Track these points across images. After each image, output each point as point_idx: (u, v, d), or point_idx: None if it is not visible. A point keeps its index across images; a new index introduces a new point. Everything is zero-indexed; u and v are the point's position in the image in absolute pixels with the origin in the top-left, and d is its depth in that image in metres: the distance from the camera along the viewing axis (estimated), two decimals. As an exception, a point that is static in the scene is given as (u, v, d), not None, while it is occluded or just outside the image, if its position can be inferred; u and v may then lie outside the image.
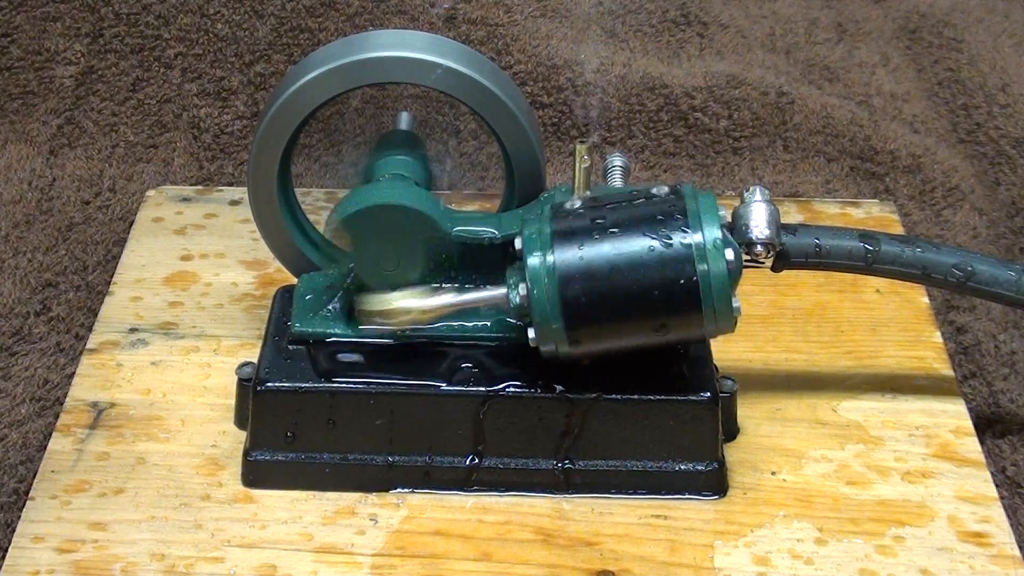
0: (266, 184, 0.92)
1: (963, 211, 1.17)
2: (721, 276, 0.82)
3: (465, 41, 1.24)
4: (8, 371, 1.00)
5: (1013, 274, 0.90)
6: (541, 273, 0.83)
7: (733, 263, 0.82)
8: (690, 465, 0.87)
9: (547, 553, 0.84)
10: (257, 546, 0.84)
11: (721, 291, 0.82)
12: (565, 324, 0.83)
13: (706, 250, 0.82)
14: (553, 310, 0.83)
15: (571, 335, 0.83)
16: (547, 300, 0.83)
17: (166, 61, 1.27)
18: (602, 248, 0.83)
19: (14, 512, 0.88)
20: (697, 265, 0.82)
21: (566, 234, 0.83)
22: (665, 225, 0.82)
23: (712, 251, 0.82)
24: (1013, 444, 0.96)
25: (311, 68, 0.89)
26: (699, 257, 0.82)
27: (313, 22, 1.28)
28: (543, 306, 0.83)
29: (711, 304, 0.82)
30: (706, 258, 0.82)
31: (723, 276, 0.82)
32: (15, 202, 1.17)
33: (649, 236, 0.82)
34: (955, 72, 1.33)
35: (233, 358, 0.96)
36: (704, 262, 0.82)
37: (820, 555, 0.84)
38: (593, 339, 0.84)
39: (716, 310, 0.82)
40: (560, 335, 0.83)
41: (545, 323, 0.83)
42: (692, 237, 0.82)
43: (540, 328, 0.83)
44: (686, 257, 0.82)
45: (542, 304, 0.83)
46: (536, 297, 0.83)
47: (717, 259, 0.82)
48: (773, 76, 1.29)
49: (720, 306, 0.82)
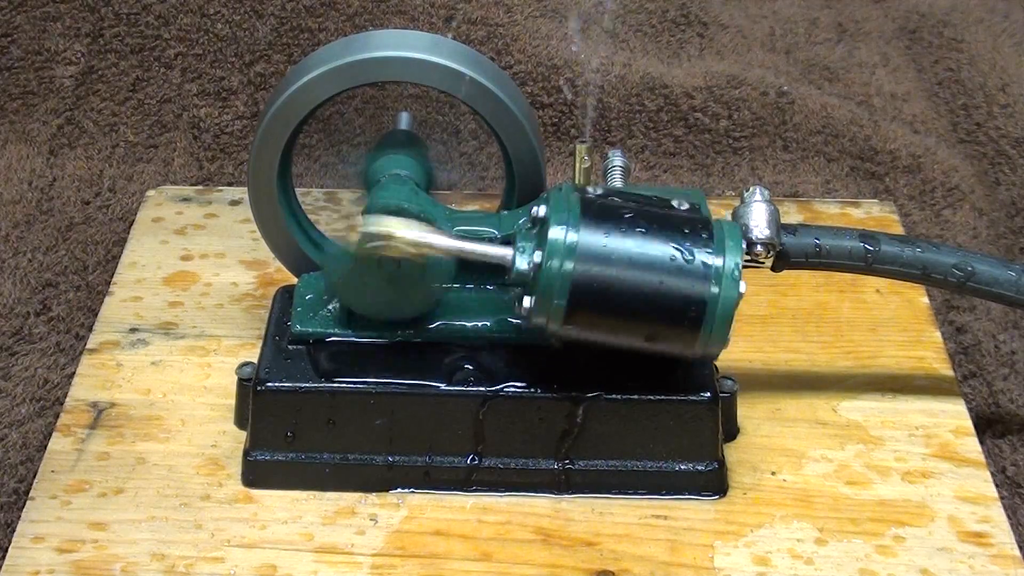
0: (266, 184, 0.92)
1: (963, 211, 1.17)
2: (730, 303, 0.82)
3: (465, 41, 1.24)
4: (8, 371, 1.00)
5: (1013, 274, 0.90)
6: (562, 247, 0.82)
7: (743, 295, 0.83)
8: (690, 465, 0.87)
9: (547, 553, 0.84)
10: (257, 546, 0.84)
11: (724, 317, 0.82)
12: (568, 304, 0.83)
13: (723, 275, 0.82)
14: (562, 287, 0.82)
15: (569, 316, 0.83)
16: (559, 275, 0.82)
17: (166, 61, 1.27)
18: (626, 242, 0.82)
19: (14, 512, 0.88)
20: (711, 287, 0.82)
21: (594, 218, 0.83)
22: (690, 240, 0.83)
23: (729, 279, 0.82)
24: (1013, 444, 0.96)
25: (311, 68, 0.89)
26: (715, 280, 0.82)
27: (313, 22, 1.28)
28: (552, 280, 0.82)
29: (710, 327, 0.82)
30: (722, 283, 0.82)
31: (731, 304, 0.82)
32: (15, 202, 1.17)
33: (673, 245, 0.82)
34: (955, 72, 1.33)
35: (233, 358, 0.96)
36: (718, 286, 0.82)
37: (820, 555, 0.84)
38: (587, 326, 0.83)
39: (712, 334, 0.83)
40: (559, 313, 0.83)
41: (548, 297, 0.82)
42: (714, 259, 0.82)
43: (541, 300, 0.83)
44: (704, 276, 0.82)
45: (552, 278, 0.82)
46: (549, 269, 0.82)
47: (731, 287, 0.82)
48: (773, 76, 1.29)
49: (717, 331, 0.83)
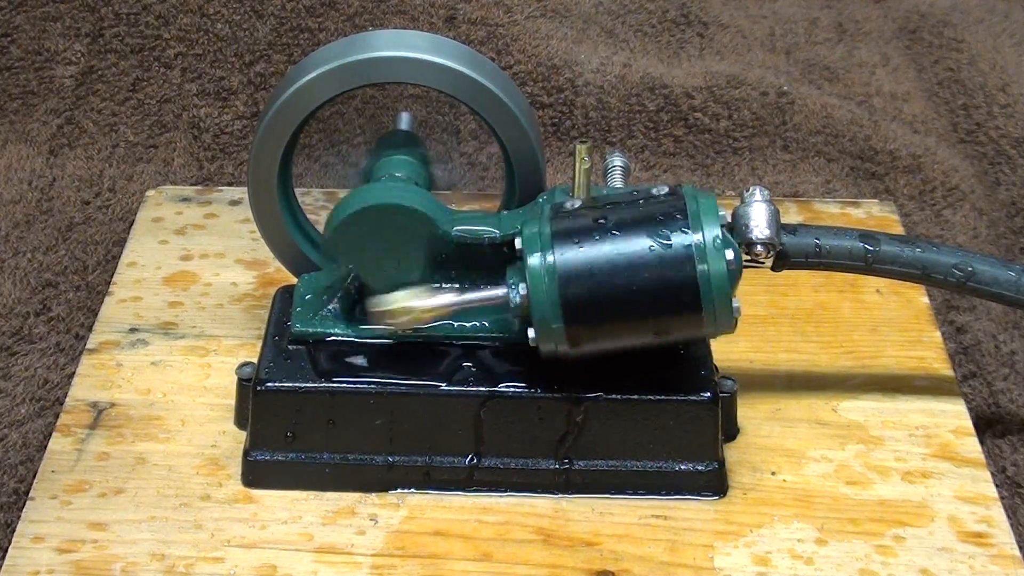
0: (266, 184, 0.92)
1: (963, 211, 1.17)
2: (721, 276, 0.82)
3: (465, 41, 1.24)
4: (8, 371, 1.00)
5: (1013, 274, 0.90)
6: (541, 273, 0.83)
7: (733, 263, 0.82)
8: (690, 465, 0.87)
9: (547, 553, 0.84)
10: (257, 546, 0.84)
11: (721, 291, 0.82)
12: (565, 324, 0.83)
13: (706, 250, 0.82)
14: (553, 310, 0.83)
15: (571, 335, 0.83)
16: (547, 300, 0.83)
17: (166, 61, 1.27)
18: (602, 248, 0.83)
19: (14, 512, 0.88)
20: (697, 265, 0.82)
21: (566, 234, 0.83)
22: (665, 225, 0.82)
23: (712, 251, 0.82)
24: (1013, 444, 0.96)
25: (311, 68, 0.89)
26: (699, 257, 0.82)
27: (313, 22, 1.28)
28: (543, 306, 0.83)
29: (711, 304, 0.82)
30: (706, 258, 0.82)
31: (723, 276, 0.82)
32: (15, 202, 1.17)
33: (649, 236, 0.82)
34: (955, 72, 1.33)
35: (233, 358, 0.96)
36: (704, 262, 0.82)
37: (820, 555, 0.84)
38: (593, 339, 0.84)
39: (716, 310, 0.82)
40: (560, 335, 0.83)
41: (545, 323, 0.83)
42: (692, 237, 0.82)
43: (540, 328, 0.83)
44: (686, 257, 0.82)
45: (542, 304, 0.83)
46: (536, 297, 0.83)
47: (717, 259, 0.82)
48: (773, 76, 1.29)
49: (720, 306, 0.82)
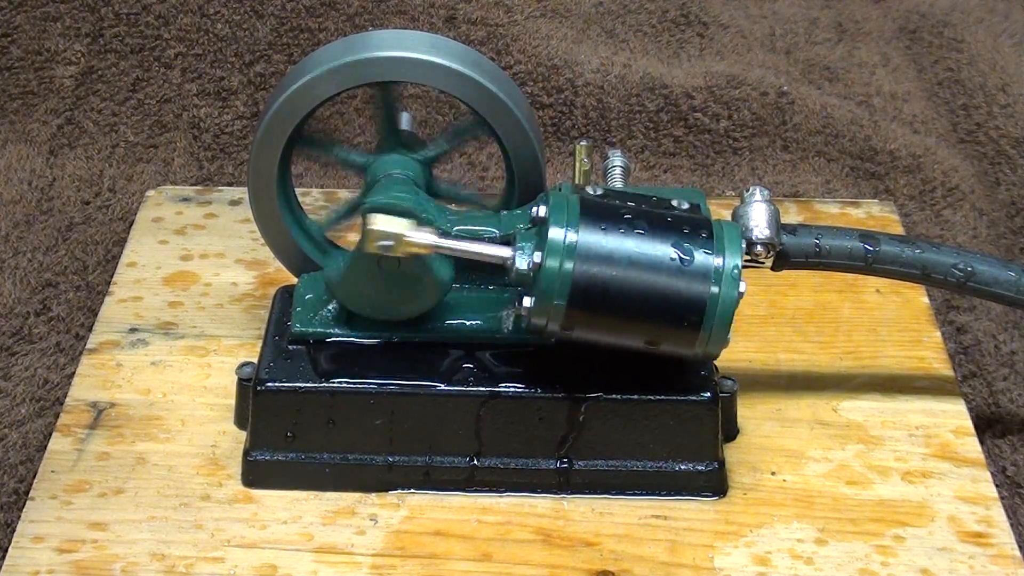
0: (266, 184, 0.92)
1: (963, 211, 1.17)
2: (730, 303, 0.82)
3: (465, 41, 1.24)
4: (8, 371, 1.00)
5: (1013, 274, 0.90)
6: (561, 247, 0.82)
7: (742, 294, 0.83)
8: (690, 465, 0.87)
9: (547, 553, 0.84)
10: (257, 546, 0.84)
11: (724, 317, 0.82)
12: (568, 304, 0.83)
13: (723, 275, 0.82)
14: (562, 287, 0.82)
15: (569, 316, 0.83)
16: (559, 275, 0.82)
17: (166, 61, 1.27)
18: (626, 242, 0.82)
19: (14, 512, 0.88)
20: (711, 286, 0.82)
21: (594, 218, 0.83)
22: (690, 240, 0.83)
23: (729, 278, 0.82)
24: (1013, 444, 0.96)
25: (311, 68, 0.89)
26: (715, 280, 0.82)
27: (313, 22, 1.28)
28: (552, 279, 0.82)
29: (710, 327, 0.83)
30: (721, 283, 0.82)
31: (732, 304, 0.82)
32: (15, 202, 1.17)
33: (674, 246, 0.82)
34: (955, 72, 1.33)
35: (233, 358, 0.96)
36: (718, 285, 0.82)
37: (820, 555, 0.84)
38: (587, 327, 0.83)
39: (713, 333, 0.83)
40: (558, 313, 0.83)
41: (548, 296, 0.82)
42: (713, 260, 0.82)
43: (540, 300, 0.83)
44: (703, 276, 0.82)
45: (552, 277, 0.82)
46: (548, 268, 0.82)
47: (731, 287, 0.82)
48: (773, 76, 1.29)
49: (718, 330, 0.83)
